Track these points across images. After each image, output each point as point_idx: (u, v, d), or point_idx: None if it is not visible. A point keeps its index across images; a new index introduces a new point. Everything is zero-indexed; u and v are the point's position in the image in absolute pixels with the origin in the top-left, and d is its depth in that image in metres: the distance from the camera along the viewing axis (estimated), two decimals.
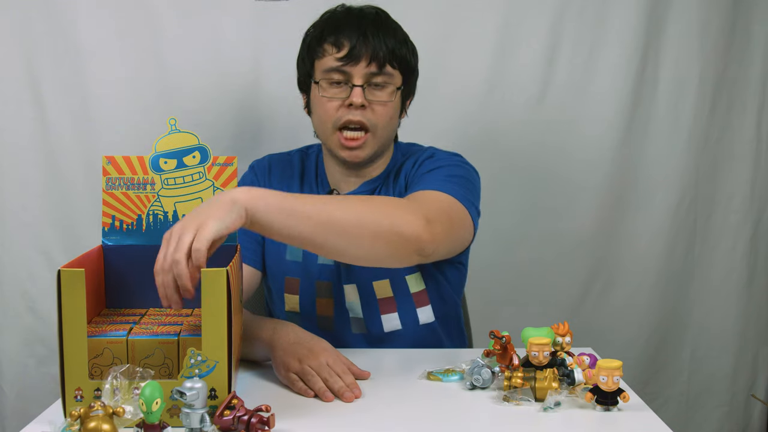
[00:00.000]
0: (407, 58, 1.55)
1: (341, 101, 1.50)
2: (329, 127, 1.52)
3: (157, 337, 1.17)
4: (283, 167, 1.65)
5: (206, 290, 1.08)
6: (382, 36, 1.50)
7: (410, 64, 1.57)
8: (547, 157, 2.11)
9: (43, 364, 2.05)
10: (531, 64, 2.07)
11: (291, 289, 1.59)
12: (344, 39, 1.49)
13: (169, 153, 1.29)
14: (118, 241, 1.29)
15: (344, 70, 1.49)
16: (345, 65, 1.48)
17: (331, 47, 1.50)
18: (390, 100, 1.52)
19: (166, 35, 1.99)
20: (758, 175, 2.19)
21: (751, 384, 2.28)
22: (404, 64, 1.54)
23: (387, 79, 1.51)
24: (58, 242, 2.03)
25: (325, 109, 1.51)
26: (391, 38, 1.52)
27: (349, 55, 1.48)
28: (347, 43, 1.49)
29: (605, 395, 1.19)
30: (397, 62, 1.52)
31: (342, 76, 1.50)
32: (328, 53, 1.50)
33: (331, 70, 1.50)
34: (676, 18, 2.08)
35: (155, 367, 1.16)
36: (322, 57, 1.51)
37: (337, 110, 1.50)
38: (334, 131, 1.52)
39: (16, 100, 1.99)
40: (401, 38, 1.55)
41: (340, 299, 1.57)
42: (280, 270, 1.60)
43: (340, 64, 1.49)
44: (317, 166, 1.64)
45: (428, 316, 1.60)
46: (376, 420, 1.20)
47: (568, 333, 1.30)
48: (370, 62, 1.49)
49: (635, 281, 2.18)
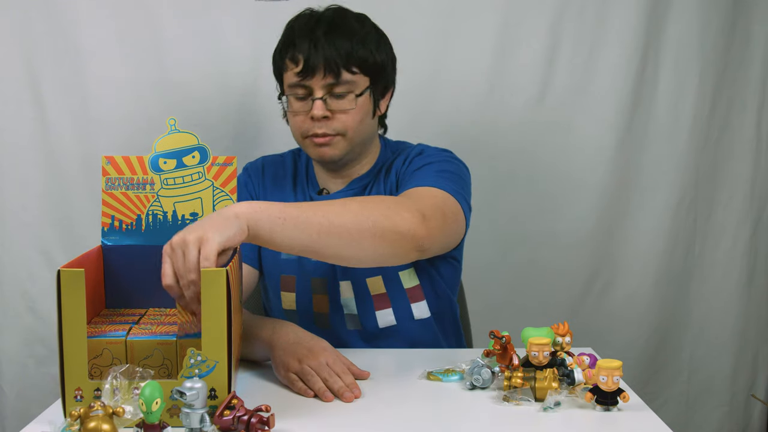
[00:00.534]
0: (368, 57, 1.51)
1: (306, 114, 1.51)
2: (299, 137, 1.55)
3: (156, 337, 1.17)
4: (276, 168, 1.66)
5: (206, 290, 1.08)
6: (335, 42, 1.48)
7: (373, 62, 1.53)
8: (547, 157, 2.10)
9: (43, 364, 2.05)
10: (531, 64, 2.07)
11: (287, 287, 1.60)
12: (298, 53, 1.49)
13: (169, 153, 1.29)
14: (118, 241, 1.29)
15: (304, 84, 1.50)
16: (303, 80, 1.49)
17: (290, 62, 1.52)
18: (352, 108, 1.51)
19: (166, 35, 1.99)
20: (758, 174, 2.19)
21: (751, 384, 2.28)
22: (365, 65, 1.51)
23: (348, 87, 1.50)
24: (58, 242, 2.03)
25: (294, 122, 1.54)
26: (346, 41, 1.49)
27: (305, 70, 1.48)
28: (301, 57, 1.49)
29: (605, 395, 1.19)
30: (356, 66, 1.50)
31: (304, 90, 1.50)
32: (289, 68, 1.52)
33: (293, 85, 1.51)
34: (676, 18, 2.08)
35: (154, 368, 1.16)
36: (286, 71, 1.53)
37: (304, 122, 1.52)
38: (303, 139, 1.54)
39: (16, 100, 1.99)
40: (360, 37, 1.51)
41: (335, 296, 1.58)
42: (276, 269, 1.60)
43: (298, 79, 1.50)
44: (307, 167, 1.66)
45: (423, 311, 1.60)
46: (376, 420, 1.20)
47: (568, 333, 1.30)
48: (326, 73, 1.48)
49: (635, 281, 2.18)
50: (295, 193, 1.63)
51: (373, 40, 1.54)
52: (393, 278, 1.57)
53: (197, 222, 1.15)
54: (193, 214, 1.29)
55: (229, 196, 1.29)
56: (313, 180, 1.64)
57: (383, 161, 1.62)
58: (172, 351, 1.16)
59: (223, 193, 1.29)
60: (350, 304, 1.58)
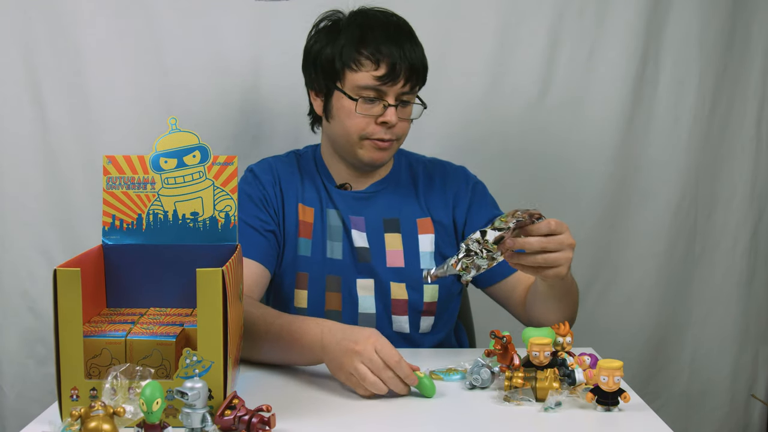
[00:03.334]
0: (427, 68, 1.55)
1: (372, 117, 1.51)
2: (355, 138, 1.53)
3: (155, 338, 1.17)
4: (284, 165, 1.66)
5: (201, 291, 1.08)
6: (415, 50, 1.50)
7: (426, 77, 1.57)
8: (546, 157, 2.10)
9: (43, 364, 2.05)
10: (531, 64, 2.07)
11: (300, 285, 1.59)
12: (384, 56, 1.47)
13: (170, 152, 1.29)
14: (118, 241, 1.29)
15: (380, 88, 1.49)
16: (383, 84, 1.48)
17: (369, 62, 1.48)
18: (415, 117, 1.56)
19: (166, 35, 1.99)
20: (758, 175, 2.19)
21: (751, 384, 2.28)
22: (426, 76, 1.56)
23: (413, 97, 1.54)
24: (58, 242, 2.03)
25: (355, 122, 1.51)
26: (421, 52, 1.52)
27: (389, 74, 1.47)
28: (387, 60, 1.47)
29: (606, 395, 1.19)
30: (424, 79, 1.54)
31: (375, 93, 1.50)
32: (365, 68, 1.48)
33: (367, 87, 1.49)
34: (676, 18, 2.08)
35: (153, 368, 1.15)
36: (358, 71, 1.49)
37: (368, 125, 1.51)
38: (360, 141, 1.53)
39: (16, 100, 1.99)
40: (422, 50, 1.54)
41: (348, 294, 1.58)
42: (293, 266, 1.60)
43: (378, 83, 1.48)
44: (316, 163, 1.65)
45: (428, 325, 1.62)
46: (376, 419, 1.19)
47: (569, 333, 1.30)
48: (407, 82, 1.49)
49: (635, 281, 2.18)
50: (303, 185, 1.63)
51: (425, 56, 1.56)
52: (417, 288, 1.59)
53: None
54: (194, 213, 1.29)
55: (229, 195, 1.29)
56: (326, 174, 1.64)
57: (399, 165, 1.66)
58: (171, 352, 1.16)
59: (224, 192, 1.29)
60: (366, 303, 1.58)
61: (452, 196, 1.64)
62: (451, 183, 1.65)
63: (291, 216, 1.60)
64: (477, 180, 1.69)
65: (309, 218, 1.60)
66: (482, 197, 1.66)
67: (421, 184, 1.65)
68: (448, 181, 1.65)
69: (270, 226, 1.57)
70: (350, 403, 1.25)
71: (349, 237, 1.59)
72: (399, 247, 1.59)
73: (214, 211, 1.29)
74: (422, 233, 1.61)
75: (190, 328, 1.19)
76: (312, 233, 1.59)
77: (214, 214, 1.29)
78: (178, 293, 1.30)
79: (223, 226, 1.29)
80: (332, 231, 1.59)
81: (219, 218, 1.29)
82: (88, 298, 1.15)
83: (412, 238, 1.60)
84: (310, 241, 1.59)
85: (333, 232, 1.59)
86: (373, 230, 1.60)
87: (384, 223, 1.60)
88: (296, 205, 1.60)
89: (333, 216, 1.60)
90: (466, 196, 1.64)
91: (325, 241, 1.59)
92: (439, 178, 1.66)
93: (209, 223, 1.29)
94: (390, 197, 1.63)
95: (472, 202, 1.64)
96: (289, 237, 1.59)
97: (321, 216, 1.60)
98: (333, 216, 1.60)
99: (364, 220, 1.60)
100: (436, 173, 1.66)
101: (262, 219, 1.56)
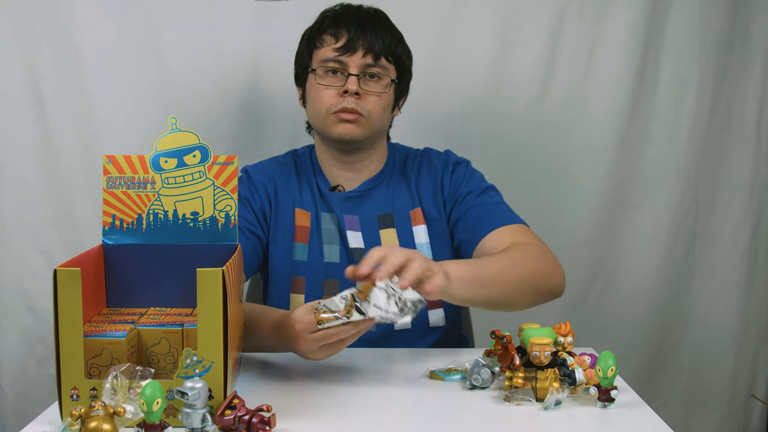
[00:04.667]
0: (402, 56, 1.61)
1: (337, 89, 1.55)
2: (323, 113, 1.56)
3: (163, 326, 1.20)
4: (281, 168, 1.66)
5: (201, 291, 1.08)
6: (379, 31, 1.56)
7: (405, 63, 1.62)
8: (546, 156, 2.11)
9: (43, 364, 2.05)
10: (531, 64, 2.07)
11: (297, 289, 1.59)
12: (343, 30, 1.55)
13: (170, 152, 1.29)
14: (119, 240, 1.29)
15: (341, 60, 1.54)
16: (342, 55, 1.54)
17: (330, 38, 1.56)
18: (384, 92, 1.57)
19: (166, 35, 1.99)
20: (758, 175, 2.19)
21: (751, 384, 2.28)
22: (399, 61, 1.60)
23: (382, 71, 1.56)
24: (58, 242, 2.03)
25: (320, 96, 1.56)
26: (387, 34, 1.58)
27: (347, 45, 1.54)
28: (345, 33, 1.55)
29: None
30: (392, 57, 1.58)
31: (338, 65, 1.55)
32: (327, 44, 1.56)
33: (328, 60, 1.55)
34: (676, 18, 2.09)
35: (161, 356, 1.18)
36: (321, 47, 1.57)
37: (332, 97, 1.55)
38: (329, 115, 1.56)
39: (17, 100, 1.99)
40: (398, 37, 1.61)
41: None
42: (287, 271, 1.60)
43: (337, 54, 1.54)
44: (312, 163, 1.66)
45: (438, 318, 1.61)
46: (376, 419, 1.19)
47: (569, 333, 1.30)
48: (366, 53, 1.54)
49: (635, 281, 2.18)
50: (300, 188, 1.63)
51: (406, 46, 1.63)
52: None
53: None
54: (194, 213, 1.29)
55: (229, 195, 1.29)
56: (321, 175, 1.64)
57: (393, 161, 1.67)
58: (178, 340, 1.18)
59: (224, 192, 1.29)
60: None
61: (439, 180, 1.64)
62: (436, 167, 1.66)
63: (286, 221, 1.60)
64: (459, 159, 1.68)
65: (306, 222, 1.60)
66: (465, 173, 1.65)
67: (411, 175, 1.65)
68: (432, 166, 1.66)
69: (254, 228, 1.58)
70: (350, 403, 1.25)
71: (345, 239, 1.59)
72: (395, 242, 1.59)
73: (214, 210, 1.29)
74: (416, 225, 1.62)
75: (190, 327, 1.19)
76: (308, 237, 1.59)
77: (215, 214, 1.29)
78: (178, 293, 1.30)
79: (223, 226, 1.29)
80: (328, 234, 1.59)
81: (219, 218, 1.29)
82: (88, 298, 1.15)
83: (406, 232, 1.61)
84: (306, 246, 1.59)
85: (329, 236, 1.59)
86: (368, 228, 1.60)
87: (378, 219, 1.61)
88: (293, 210, 1.61)
89: (328, 219, 1.60)
90: (448, 176, 1.64)
91: (322, 245, 1.59)
92: (426, 164, 1.67)
93: (209, 223, 1.29)
94: (382, 192, 1.63)
95: (456, 180, 1.63)
96: (280, 241, 1.59)
97: (317, 219, 1.60)
98: (328, 219, 1.60)
99: (358, 218, 1.60)
100: (424, 161, 1.68)
101: (246, 219, 1.58)
